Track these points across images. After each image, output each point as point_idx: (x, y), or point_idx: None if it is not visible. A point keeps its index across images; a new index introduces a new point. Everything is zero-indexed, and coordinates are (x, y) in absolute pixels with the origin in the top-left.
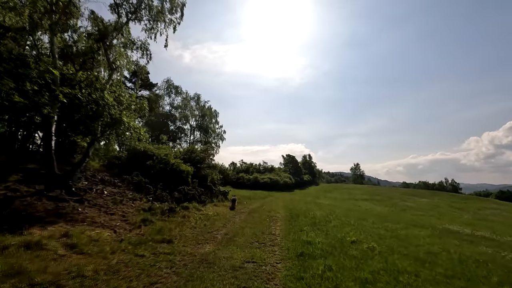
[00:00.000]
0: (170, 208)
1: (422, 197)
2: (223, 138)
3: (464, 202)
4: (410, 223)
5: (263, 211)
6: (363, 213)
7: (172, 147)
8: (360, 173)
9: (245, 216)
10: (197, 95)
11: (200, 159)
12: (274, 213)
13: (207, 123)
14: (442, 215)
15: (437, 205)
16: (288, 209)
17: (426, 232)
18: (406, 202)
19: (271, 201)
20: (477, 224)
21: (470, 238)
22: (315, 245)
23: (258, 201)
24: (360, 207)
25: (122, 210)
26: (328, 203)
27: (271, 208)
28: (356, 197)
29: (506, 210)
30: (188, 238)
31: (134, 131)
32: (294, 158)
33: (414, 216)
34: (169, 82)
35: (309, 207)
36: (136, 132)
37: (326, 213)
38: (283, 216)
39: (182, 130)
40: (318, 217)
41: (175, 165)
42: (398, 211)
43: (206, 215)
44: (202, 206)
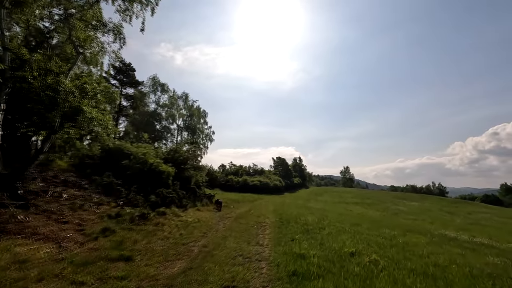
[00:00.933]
0: (142, 214)
1: (412, 200)
2: (211, 139)
3: (455, 206)
4: (405, 229)
5: (251, 216)
6: (356, 217)
7: (156, 147)
8: (350, 177)
9: (231, 222)
10: (185, 94)
11: (183, 160)
12: (263, 218)
13: (195, 123)
14: (434, 219)
15: (428, 209)
16: (278, 214)
17: (424, 239)
18: (397, 205)
19: (260, 204)
20: (472, 229)
21: (470, 245)
22: (309, 260)
23: (247, 204)
24: (351, 211)
25: (80, 217)
26: (319, 207)
27: (260, 213)
28: (347, 201)
29: (496, 214)
30: (155, 253)
31: (99, 123)
32: (285, 161)
33: (408, 221)
34: (155, 79)
35: (300, 211)
36: (101, 125)
37: (319, 218)
38: (272, 222)
39: (168, 129)
40: (310, 223)
41: (154, 165)
42: (390, 215)
43: (185, 222)
44: (182, 211)
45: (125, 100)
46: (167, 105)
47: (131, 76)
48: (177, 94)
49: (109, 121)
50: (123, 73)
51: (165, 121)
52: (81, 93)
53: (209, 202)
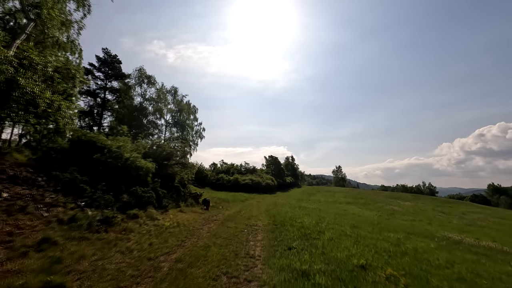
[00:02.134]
0: (105, 218)
1: (405, 200)
2: (201, 136)
3: (449, 206)
4: (407, 231)
5: (241, 218)
6: (353, 219)
7: (137, 141)
8: (342, 176)
9: (217, 226)
10: (174, 88)
11: (167, 155)
12: (255, 220)
13: (184, 119)
14: (431, 220)
15: (422, 209)
16: (271, 216)
17: (432, 243)
18: (391, 205)
19: (252, 205)
20: (472, 231)
21: (480, 250)
22: (314, 279)
23: (237, 204)
24: (346, 211)
25: (16, 224)
26: (314, 207)
27: (251, 214)
28: (340, 200)
29: (490, 214)
30: (104, 276)
31: (46, 102)
32: (277, 160)
33: (406, 222)
34: (141, 71)
35: (295, 212)
36: (51, 106)
37: (315, 220)
38: (265, 224)
39: (155, 125)
40: (307, 226)
41: (130, 160)
42: (386, 215)
43: (161, 226)
44: (161, 213)
45: (110, 94)
46: (154, 99)
47: (117, 69)
48: (165, 88)
49: (66, 104)
50: (108, 65)
51: (152, 116)
52: (22, 65)
53: (195, 202)
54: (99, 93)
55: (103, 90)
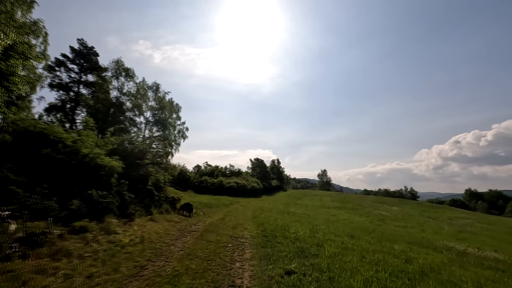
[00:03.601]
0: (29, 235)
1: (391, 205)
2: (185, 136)
3: (435, 211)
4: (407, 241)
5: (225, 228)
6: (347, 226)
7: (106, 136)
8: (327, 180)
9: (195, 239)
10: (156, 84)
11: (139, 153)
12: (241, 230)
13: (166, 118)
14: (423, 226)
15: (410, 214)
16: (260, 224)
17: (440, 256)
18: (379, 210)
19: (237, 210)
20: (468, 239)
21: (491, 263)
22: None
23: (221, 210)
24: (336, 217)
25: None
26: (302, 212)
27: (237, 222)
28: (328, 205)
29: (477, 220)
30: None
31: None
32: (263, 162)
33: (399, 228)
34: (119, 62)
35: (286, 220)
36: None
37: (309, 229)
38: (253, 236)
39: (134, 122)
40: (302, 238)
41: (88, 157)
42: (377, 221)
43: (117, 244)
44: (123, 223)
45: (85, 88)
46: (133, 94)
47: (94, 62)
48: (146, 84)
49: None
50: (84, 57)
51: (130, 112)
52: None
53: (172, 208)
54: (72, 86)
55: (77, 84)
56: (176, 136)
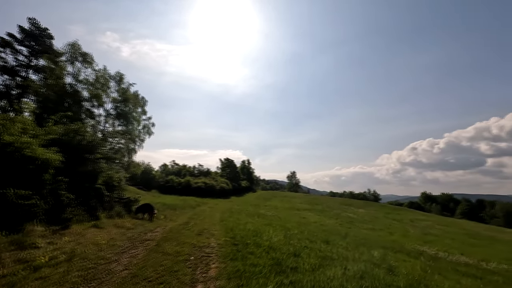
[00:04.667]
0: None
1: (358, 207)
2: (150, 132)
3: (397, 213)
4: (380, 245)
5: (188, 234)
6: (319, 229)
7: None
8: (296, 181)
9: (148, 252)
10: (119, 74)
11: (88, 145)
12: (207, 237)
13: (129, 111)
14: (390, 229)
15: (375, 216)
16: (229, 229)
17: (417, 263)
18: (347, 212)
19: (204, 212)
20: (433, 242)
21: (466, 269)
22: None
23: (186, 212)
24: (307, 219)
25: None
26: (272, 214)
27: (203, 227)
28: (297, 207)
29: (436, 222)
30: None
31: None
32: (233, 163)
33: (369, 232)
34: (75, 46)
35: (256, 223)
36: None
37: (283, 234)
38: (221, 244)
39: (91, 114)
40: (277, 246)
41: (12, 147)
42: (346, 223)
43: (31, 263)
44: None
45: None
46: (91, 83)
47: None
48: (108, 73)
49: None
50: (35, 39)
51: (88, 103)
52: None
53: (126, 210)
54: (20, 71)
55: (26, 68)
56: (140, 131)
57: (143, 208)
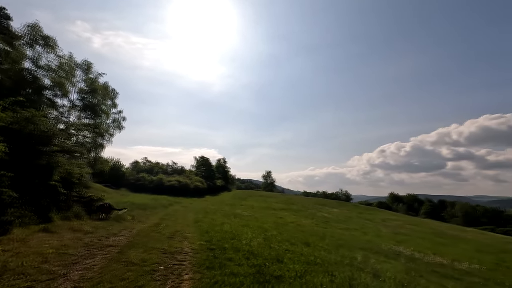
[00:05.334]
0: None
1: (332, 207)
2: (121, 126)
3: (369, 213)
4: (357, 246)
5: (158, 238)
6: (297, 230)
7: None
8: (271, 181)
9: (108, 261)
10: (87, 63)
11: (42, 135)
12: (180, 240)
13: (98, 103)
14: (363, 228)
15: (349, 216)
16: (204, 231)
17: (398, 265)
18: (322, 212)
19: (177, 212)
20: (406, 241)
21: (444, 270)
22: None
23: (158, 212)
24: (284, 219)
25: None
26: (249, 214)
27: (175, 229)
28: (274, 206)
29: (405, 221)
30: None
31: None
32: (208, 161)
33: (345, 232)
34: (35, 28)
35: (233, 224)
36: None
37: (262, 237)
38: (196, 249)
39: (53, 104)
40: (257, 250)
41: None
42: (322, 223)
43: None
44: None
45: None
46: (53, 69)
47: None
48: (74, 61)
49: None
50: None
51: (49, 92)
52: None
53: (87, 211)
54: None
55: None
56: (110, 125)
57: (102, 207)
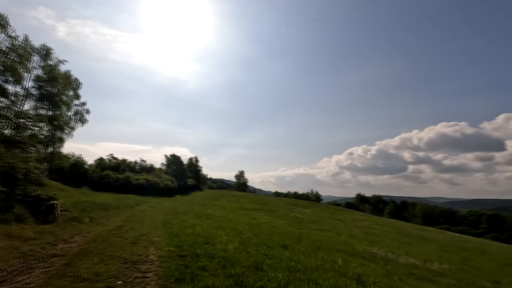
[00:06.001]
0: None
1: (304, 207)
2: (84, 119)
3: (340, 214)
4: (333, 248)
5: (119, 243)
6: (272, 231)
7: None
8: (243, 181)
9: (48, 277)
10: (46, 48)
11: None
12: (144, 246)
13: (57, 93)
14: (335, 229)
15: (321, 217)
16: (173, 234)
17: (377, 268)
18: (294, 212)
19: (144, 213)
20: (377, 242)
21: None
22: None
23: (122, 213)
24: (257, 220)
25: None
26: (221, 214)
27: (141, 232)
28: (246, 206)
29: (373, 221)
30: None
31: None
32: (180, 159)
33: (320, 233)
34: None
35: (205, 226)
36: None
37: (237, 240)
38: (163, 257)
39: (3, 91)
40: (233, 256)
41: None
42: (296, 224)
43: None
44: None
45: None
46: (4, 51)
47: None
48: (30, 45)
49: None
50: None
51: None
52: None
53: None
54: None
55: None
56: (71, 118)
57: (48, 208)
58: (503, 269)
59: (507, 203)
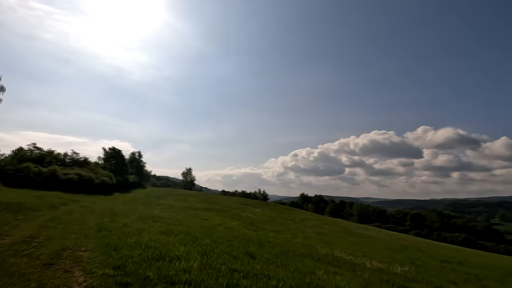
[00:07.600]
0: None
1: (254, 207)
2: None
3: (288, 213)
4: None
5: (22, 269)
6: (227, 234)
7: None
8: (191, 179)
9: None
10: None
11: None
12: (65, 270)
13: None
14: (289, 229)
15: (272, 216)
16: (111, 246)
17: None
18: (246, 212)
19: (72, 215)
20: (331, 243)
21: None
22: None
23: (41, 215)
24: (210, 221)
25: None
26: (169, 215)
27: (63, 243)
28: (195, 206)
29: (321, 220)
30: None
31: None
32: (120, 153)
33: (276, 234)
34: None
35: (154, 232)
36: None
37: (197, 251)
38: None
39: None
40: (199, 279)
41: None
42: (249, 225)
43: None
44: None
45: None
46: None
47: None
48: None
49: None
50: None
51: None
52: None
53: None
54: None
55: None
56: None
57: None
58: (445, 267)
59: (423, 203)
